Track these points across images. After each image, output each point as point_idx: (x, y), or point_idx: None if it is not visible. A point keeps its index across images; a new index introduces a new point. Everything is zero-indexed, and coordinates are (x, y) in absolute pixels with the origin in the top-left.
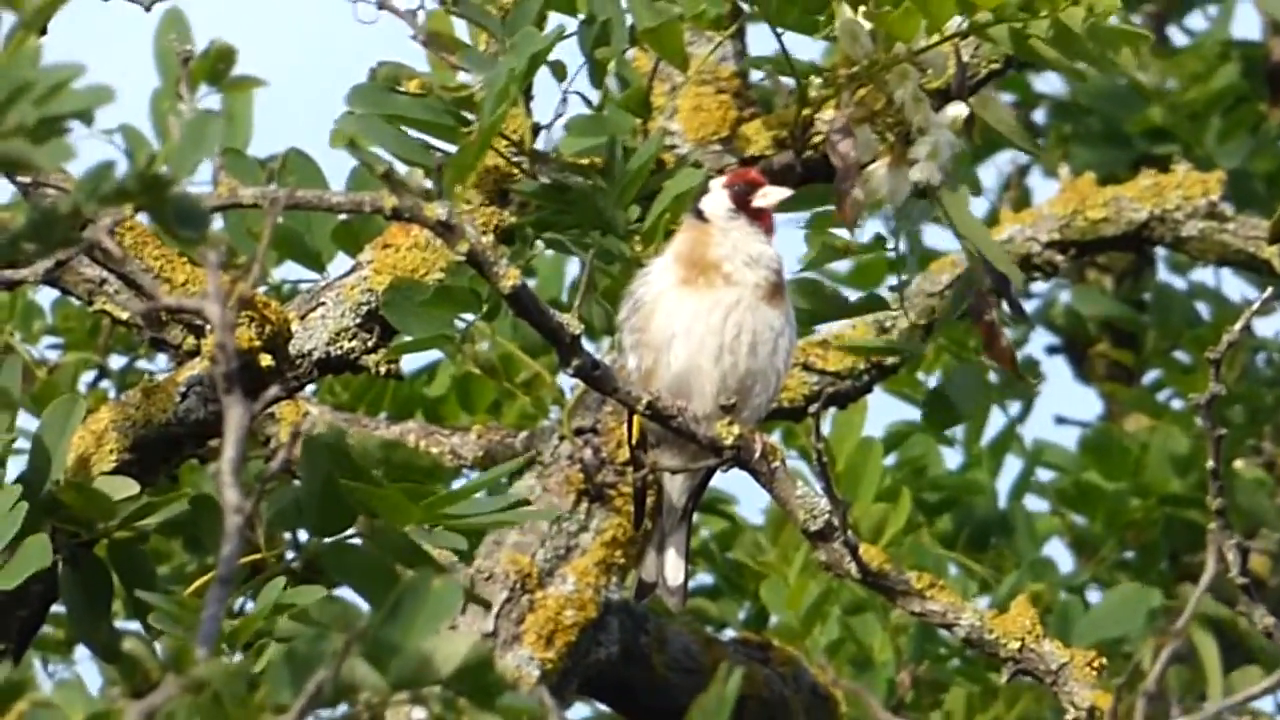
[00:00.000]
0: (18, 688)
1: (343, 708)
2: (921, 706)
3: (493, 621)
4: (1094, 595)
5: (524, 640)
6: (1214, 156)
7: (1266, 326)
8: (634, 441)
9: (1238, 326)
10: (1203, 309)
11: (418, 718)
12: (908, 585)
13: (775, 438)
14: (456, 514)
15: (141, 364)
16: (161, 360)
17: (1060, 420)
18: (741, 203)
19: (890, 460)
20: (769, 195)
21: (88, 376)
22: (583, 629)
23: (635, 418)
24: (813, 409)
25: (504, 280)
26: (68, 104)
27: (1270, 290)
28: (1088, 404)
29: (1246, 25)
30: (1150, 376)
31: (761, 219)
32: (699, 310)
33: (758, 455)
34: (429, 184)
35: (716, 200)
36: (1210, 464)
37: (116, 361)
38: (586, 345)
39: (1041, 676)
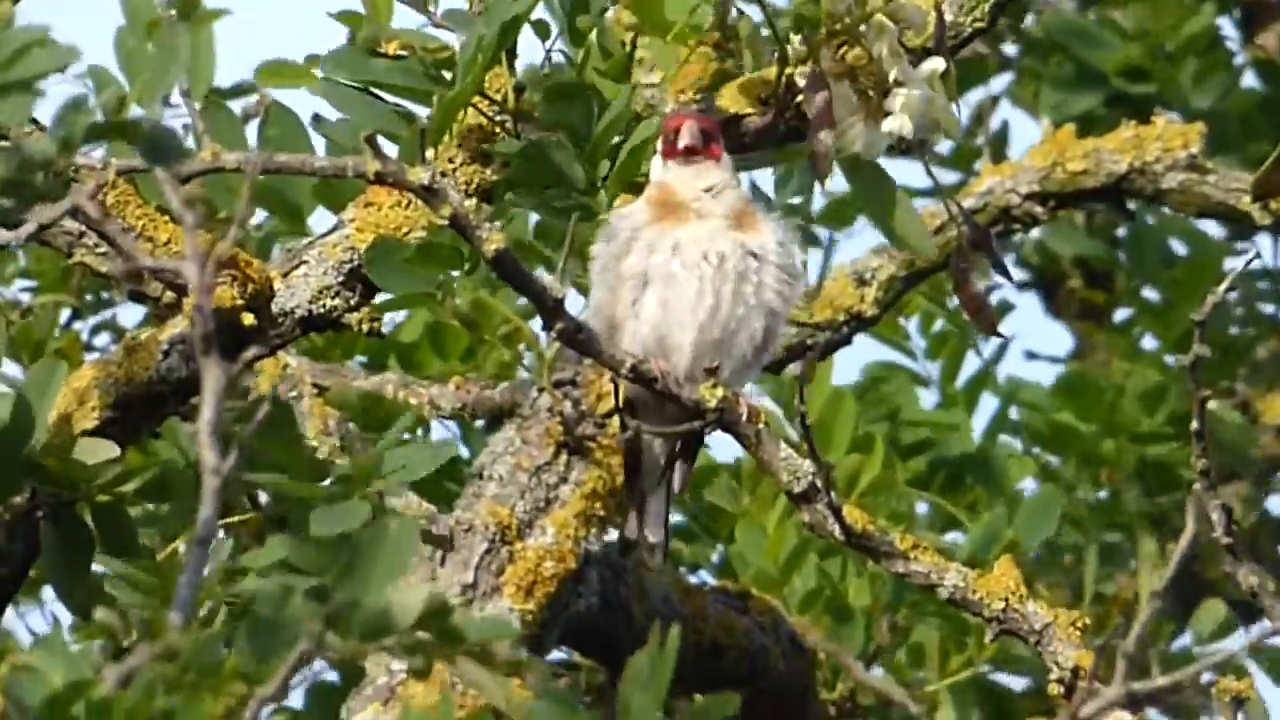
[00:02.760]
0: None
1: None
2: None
3: (472, 573)
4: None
5: (504, 592)
6: (1188, 97)
7: (1237, 263)
8: (619, 404)
9: (1222, 288)
10: (1177, 245)
11: (398, 668)
12: (891, 546)
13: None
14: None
15: (110, 312)
16: (137, 310)
17: (1031, 356)
18: (669, 153)
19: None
20: (679, 130)
21: (61, 318)
22: (562, 580)
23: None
24: (797, 369)
25: (487, 244)
26: (34, 66)
27: (1255, 252)
28: (1058, 339)
29: None
30: (1123, 314)
31: (700, 154)
32: (678, 243)
33: (743, 418)
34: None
35: (655, 165)
36: (1194, 425)
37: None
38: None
39: (1025, 636)
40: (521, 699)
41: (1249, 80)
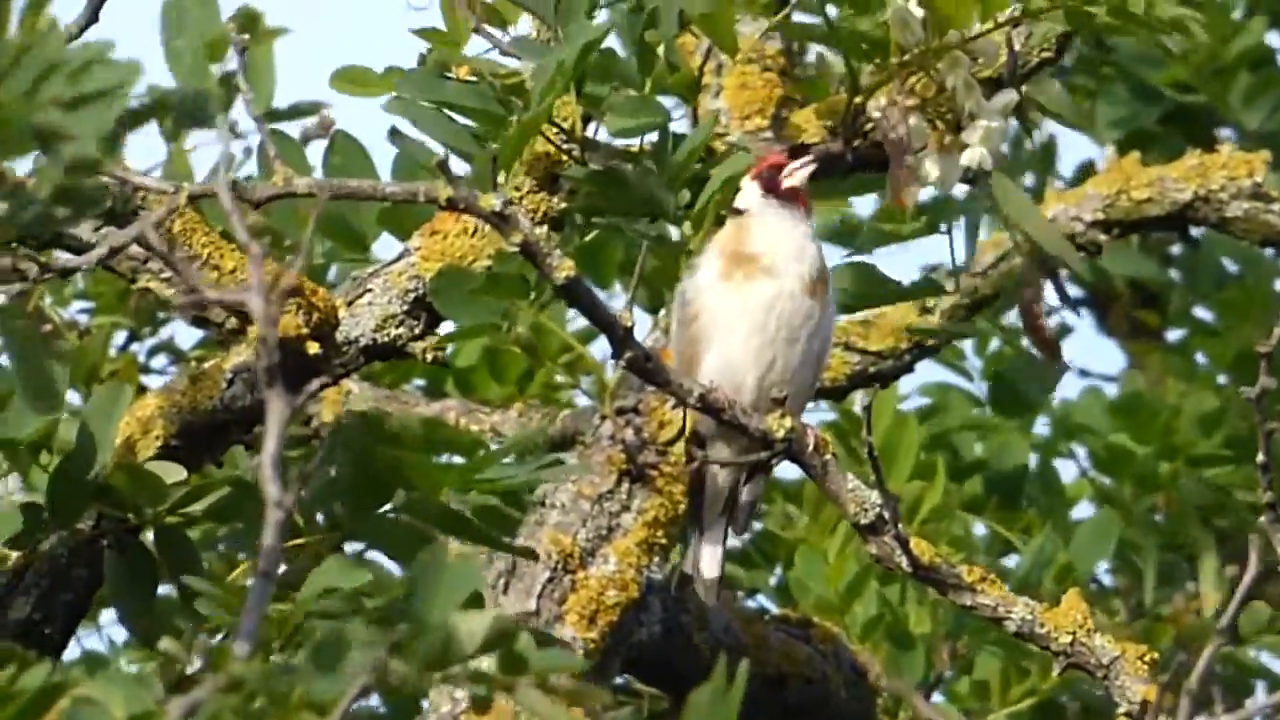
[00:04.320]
0: (59, 688)
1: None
2: (960, 681)
3: (535, 601)
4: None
5: (566, 620)
6: (1238, 115)
7: None
8: (687, 435)
9: None
10: (1230, 265)
11: (461, 697)
12: (959, 579)
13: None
14: (490, 477)
15: (168, 333)
16: (194, 332)
17: (1084, 374)
18: (771, 187)
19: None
20: (794, 173)
21: (118, 340)
22: (625, 609)
23: (688, 411)
24: (864, 403)
25: (558, 271)
26: (99, 80)
27: None
28: (1109, 357)
29: None
30: (1175, 334)
31: (796, 199)
32: (743, 306)
33: (810, 449)
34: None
35: (748, 193)
36: (1260, 458)
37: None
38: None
39: (1093, 670)
40: None
41: None
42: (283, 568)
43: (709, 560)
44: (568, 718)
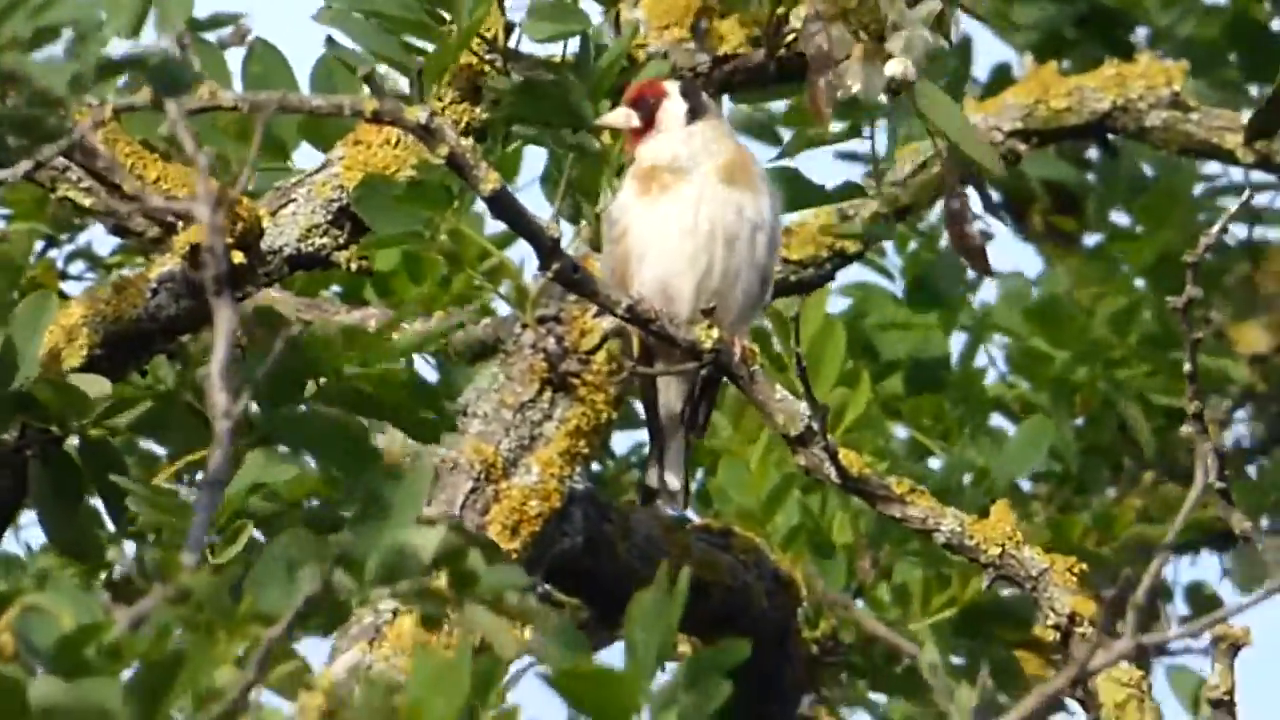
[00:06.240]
0: (6, 597)
1: None
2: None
3: (458, 512)
4: None
5: (489, 530)
6: (1155, 17)
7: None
8: (636, 352)
9: (1215, 230)
10: (1148, 169)
11: (384, 608)
12: (888, 491)
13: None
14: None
15: (85, 240)
16: (110, 240)
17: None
18: (649, 123)
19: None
20: (616, 116)
21: (36, 246)
22: (547, 519)
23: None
24: (791, 312)
25: (484, 183)
26: (63, 13)
27: (1248, 193)
28: (1026, 259)
29: None
30: (1094, 239)
31: (649, 128)
32: (665, 214)
33: (737, 359)
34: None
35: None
36: (1187, 368)
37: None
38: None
39: (1022, 582)
40: (520, 644)
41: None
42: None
43: (673, 470)
44: (516, 637)
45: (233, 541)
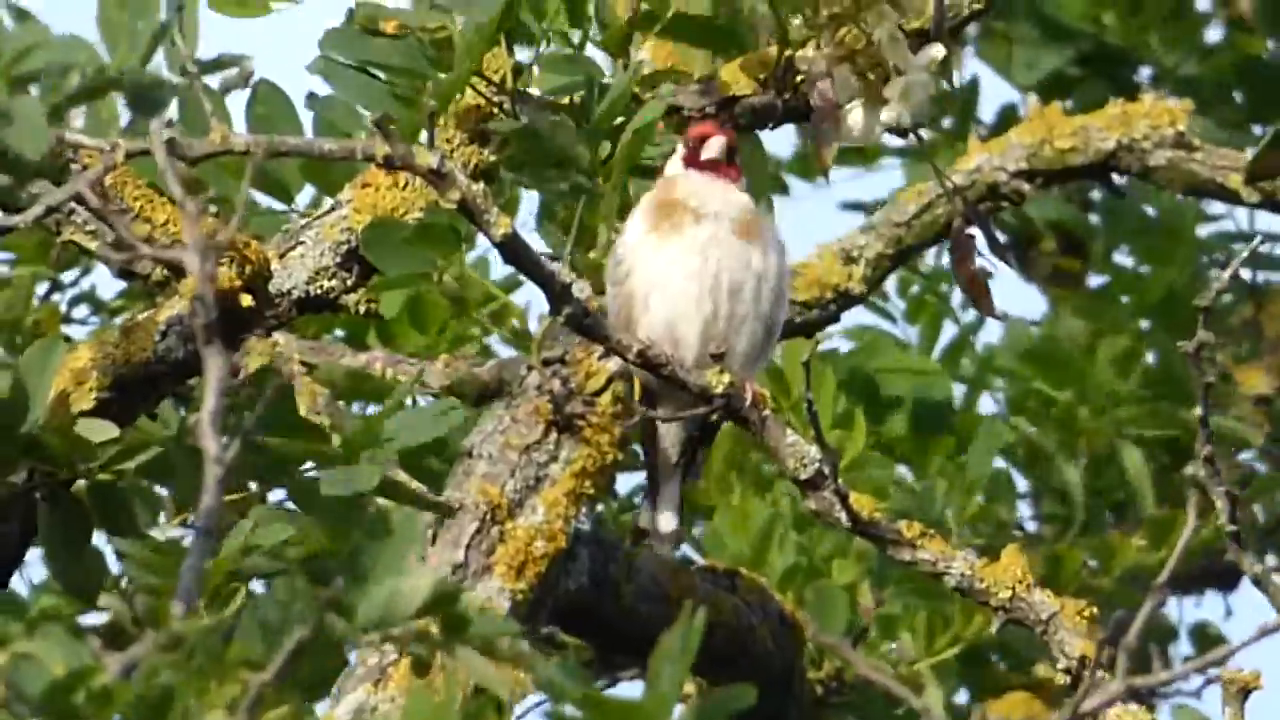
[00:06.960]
0: None
1: None
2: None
3: (463, 552)
4: None
5: (494, 571)
6: (1159, 56)
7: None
8: (637, 395)
9: (1226, 274)
10: (1152, 211)
11: (390, 648)
12: (898, 534)
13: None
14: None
15: (89, 283)
16: (116, 283)
17: (1004, 317)
18: (691, 160)
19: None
20: (711, 147)
21: (39, 290)
22: (553, 560)
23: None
24: (803, 358)
25: (495, 228)
26: (36, 61)
27: (1260, 238)
28: (1031, 300)
29: None
30: (1098, 280)
31: (718, 170)
32: (674, 256)
33: (748, 404)
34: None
35: (675, 164)
36: (1198, 411)
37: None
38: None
39: (1032, 625)
40: (520, 686)
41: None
42: None
43: (666, 514)
44: (508, 680)
45: (226, 605)
